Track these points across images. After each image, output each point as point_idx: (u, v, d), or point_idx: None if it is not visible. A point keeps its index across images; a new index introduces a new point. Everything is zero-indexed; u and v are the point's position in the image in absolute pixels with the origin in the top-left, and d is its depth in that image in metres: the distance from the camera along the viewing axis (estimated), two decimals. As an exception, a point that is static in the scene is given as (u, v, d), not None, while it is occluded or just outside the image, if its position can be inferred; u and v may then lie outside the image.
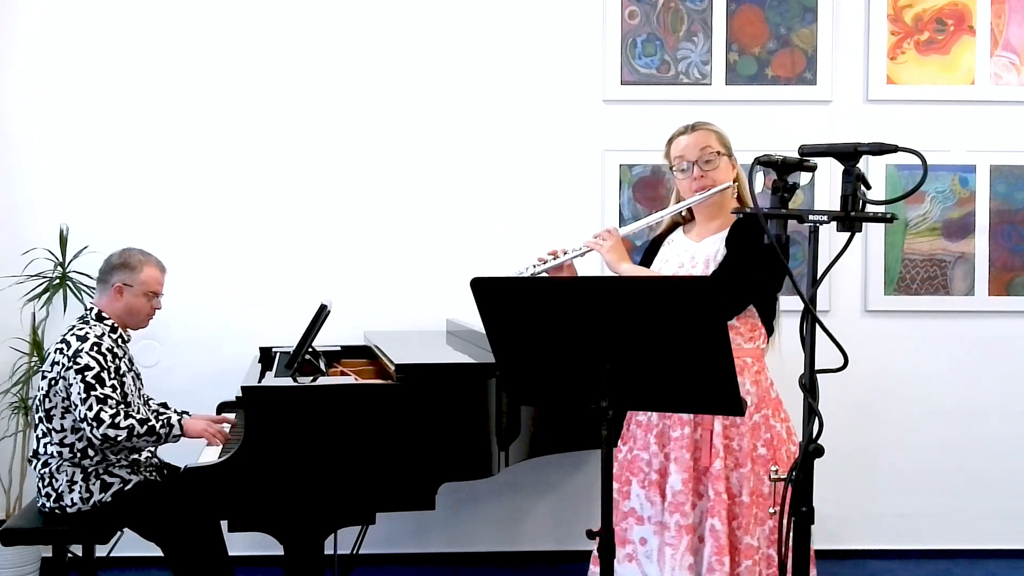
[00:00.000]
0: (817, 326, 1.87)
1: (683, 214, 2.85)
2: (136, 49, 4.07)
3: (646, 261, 2.88)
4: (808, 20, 4.15)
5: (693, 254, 2.73)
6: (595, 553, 2.77)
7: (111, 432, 2.93)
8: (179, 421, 3.06)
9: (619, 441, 2.78)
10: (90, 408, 2.94)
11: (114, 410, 2.95)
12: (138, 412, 3.07)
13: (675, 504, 2.60)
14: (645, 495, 2.67)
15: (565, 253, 2.80)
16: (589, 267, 2.79)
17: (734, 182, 2.72)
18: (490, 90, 4.14)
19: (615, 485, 2.74)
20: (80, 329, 3.08)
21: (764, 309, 2.66)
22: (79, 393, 2.95)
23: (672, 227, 2.88)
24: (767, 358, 2.74)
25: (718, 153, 2.69)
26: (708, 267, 2.66)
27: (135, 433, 2.95)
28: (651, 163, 4.11)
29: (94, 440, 2.95)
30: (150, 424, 2.98)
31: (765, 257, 2.55)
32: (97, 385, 2.96)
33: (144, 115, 4.08)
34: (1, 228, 4.05)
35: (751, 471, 2.59)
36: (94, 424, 2.93)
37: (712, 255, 2.67)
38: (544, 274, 2.78)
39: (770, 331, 2.71)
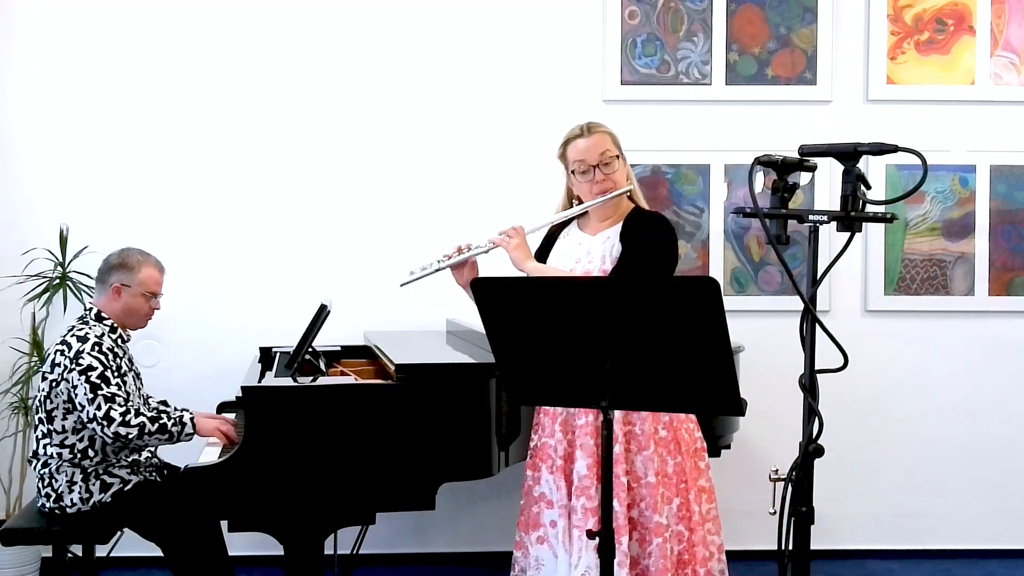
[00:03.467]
0: (817, 326, 1.87)
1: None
2: (136, 50, 4.07)
3: (543, 250, 2.99)
4: (808, 20, 4.15)
5: (589, 248, 2.84)
6: (517, 539, 2.85)
7: (122, 430, 2.92)
8: (192, 419, 3.06)
9: (531, 430, 2.88)
10: (99, 408, 2.93)
11: (123, 407, 2.95)
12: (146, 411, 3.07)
13: (581, 488, 2.69)
14: (553, 480, 2.75)
15: (471, 248, 2.87)
16: (496, 263, 2.86)
17: (628, 180, 2.85)
18: (490, 90, 4.14)
19: (528, 472, 2.86)
20: (80, 330, 3.08)
21: None
22: (85, 393, 2.95)
23: (568, 221, 2.98)
24: None
25: (615, 156, 2.81)
26: (604, 261, 2.78)
27: (146, 431, 2.95)
28: (651, 163, 4.11)
29: (105, 439, 2.94)
30: (161, 422, 2.98)
31: (658, 249, 2.72)
32: (103, 384, 2.96)
33: (144, 115, 4.08)
34: (1, 228, 4.05)
35: (654, 452, 2.70)
36: (104, 423, 2.92)
37: (607, 250, 2.79)
38: (448, 269, 2.88)
39: None
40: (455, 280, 2.92)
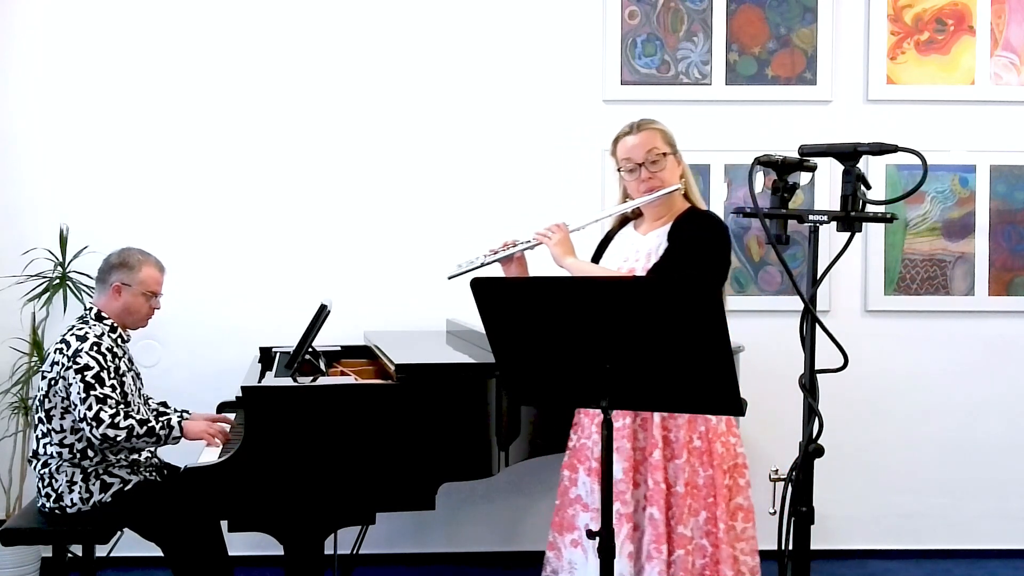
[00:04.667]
0: (817, 326, 1.87)
1: (632, 211, 2.91)
2: (136, 49, 4.07)
3: (598, 254, 2.96)
4: (808, 20, 4.15)
5: (638, 247, 2.80)
6: (550, 539, 2.82)
7: (110, 432, 2.92)
8: (179, 423, 3.06)
9: (570, 430, 2.85)
10: (89, 408, 2.94)
11: (114, 410, 2.95)
12: (138, 412, 3.07)
13: (615, 492, 2.63)
14: (590, 483, 2.72)
15: (516, 244, 2.87)
16: (543, 258, 2.88)
17: (681, 179, 2.78)
18: (491, 90, 4.14)
19: (565, 473, 2.82)
20: (80, 329, 3.08)
21: None
22: (79, 393, 2.95)
23: (623, 223, 2.95)
24: None
25: (664, 154, 2.75)
26: (649, 260, 2.73)
27: (134, 433, 2.95)
28: (651, 163, 4.10)
29: (93, 440, 2.95)
30: (149, 425, 2.98)
31: (704, 250, 2.64)
32: (97, 385, 2.96)
33: (144, 115, 4.08)
34: (1, 228, 4.05)
35: (686, 462, 2.64)
36: (93, 424, 2.93)
37: (654, 248, 2.73)
38: (496, 263, 2.87)
39: None
40: (504, 274, 2.90)
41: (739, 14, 4.14)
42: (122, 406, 3.00)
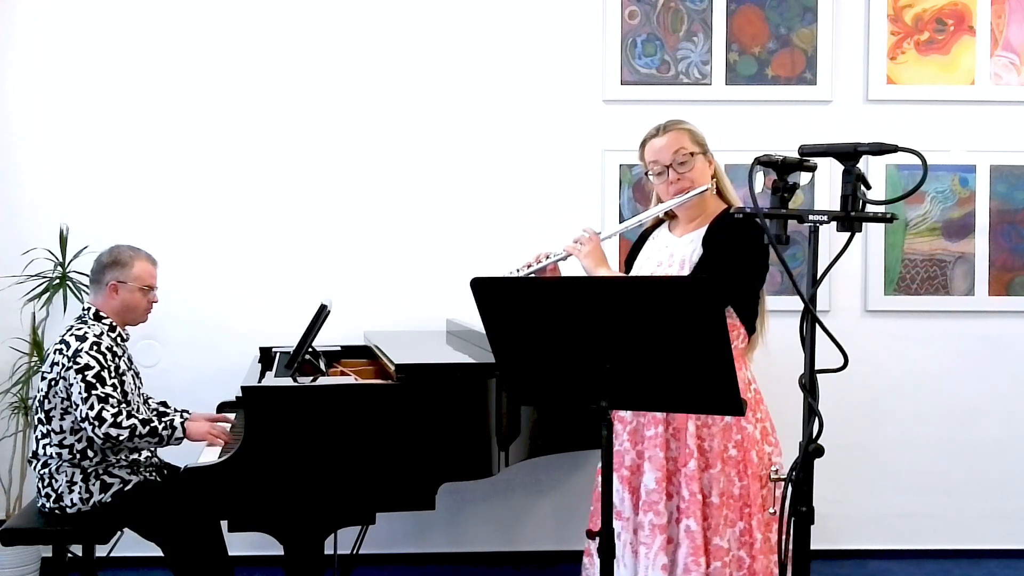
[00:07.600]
0: (817, 326, 1.87)
1: (666, 212, 2.85)
2: (136, 49, 4.07)
3: (632, 255, 2.91)
4: (808, 20, 4.15)
5: (672, 251, 2.75)
6: (587, 546, 2.79)
7: (113, 431, 2.93)
8: (182, 424, 3.06)
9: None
10: (91, 407, 2.94)
11: (116, 409, 2.95)
12: (139, 412, 3.08)
13: (649, 503, 2.62)
14: (623, 490, 2.69)
15: (548, 257, 2.84)
16: (571, 270, 2.86)
17: (713, 178, 2.73)
18: (490, 90, 4.14)
19: (599, 479, 2.76)
20: (79, 329, 3.08)
21: (741, 308, 2.64)
22: (80, 392, 2.95)
23: (658, 223, 2.90)
24: (749, 359, 2.77)
25: (692, 153, 2.70)
26: (684, 266, 2.67)
27: (137, 433, 2.95)
28: (651, 163, 4.10)
29: (96, 439, 2.95)
30: (152, 425, 2.98)
31: (740, 256, 2.59)
32: (98, 384, 2.96)
33: (144, 115, 4.08)
34: (1, 228, 4.05)
35: (721, 472, 2.59)
36: (96, 423, 2.93)
37: (688, 254, 2.68)
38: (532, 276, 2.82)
39: (751, 331, 2.69)
40: None
41: (739, 14, 4.14)
42: (124, 405, 3.00)
